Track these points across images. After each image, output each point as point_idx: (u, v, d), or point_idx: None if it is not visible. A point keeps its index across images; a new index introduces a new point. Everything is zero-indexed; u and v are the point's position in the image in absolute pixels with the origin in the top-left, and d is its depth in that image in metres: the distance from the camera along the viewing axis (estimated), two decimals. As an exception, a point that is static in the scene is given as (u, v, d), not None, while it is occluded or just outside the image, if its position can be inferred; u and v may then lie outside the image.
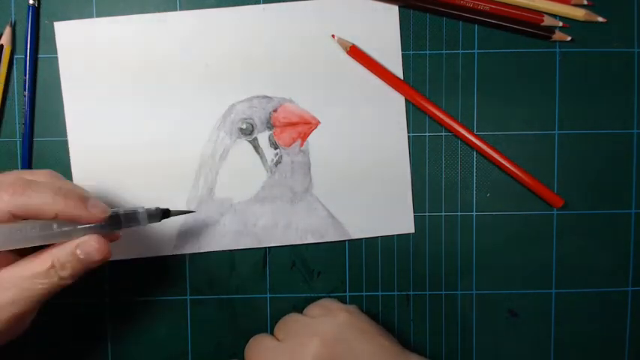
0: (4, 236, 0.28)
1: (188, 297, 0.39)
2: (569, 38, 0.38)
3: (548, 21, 0.37)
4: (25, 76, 0.37)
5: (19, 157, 0.38)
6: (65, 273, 0.29)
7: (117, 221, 0.31)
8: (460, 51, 0.38)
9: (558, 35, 0.37)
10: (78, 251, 0.29)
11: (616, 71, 0.38)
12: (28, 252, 0.30)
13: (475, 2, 0.37)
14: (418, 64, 0.38)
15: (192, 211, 0.36)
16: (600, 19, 0.37)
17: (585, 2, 0.37)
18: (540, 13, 0.37)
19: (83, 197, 0.30)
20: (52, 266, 0.29)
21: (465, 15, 0.37)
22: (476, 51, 0.38)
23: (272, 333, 0.36)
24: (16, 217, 0.28)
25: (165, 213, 0.33)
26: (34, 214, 0.29)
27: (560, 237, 0.39)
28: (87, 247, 0.29)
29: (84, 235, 0.30)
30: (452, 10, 0.37)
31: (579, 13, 0.37)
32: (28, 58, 0.37)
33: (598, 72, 0.38)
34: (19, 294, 0.29)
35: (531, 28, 0.37)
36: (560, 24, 0.38)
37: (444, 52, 0.38)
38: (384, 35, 0.38)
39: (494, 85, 0.38)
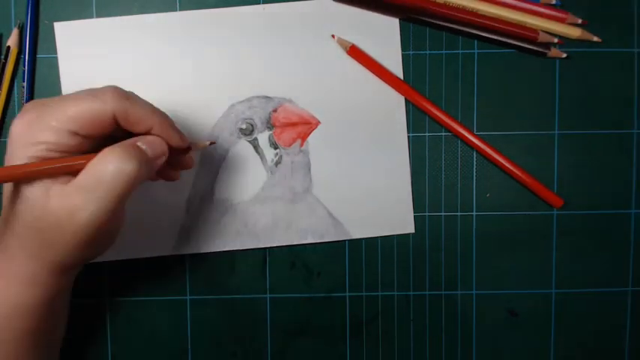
0: None
1: (188, 297, 0.39)
2: (564, 55, 0.38)
3: (543, 37, 0.37)
4: (25, 75, 0.37)
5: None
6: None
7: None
8: (460, 51, 0.38)
9: (554, 52, 0.37)
10: (139, 143, 0.28)
11: (616, 71, 0.38)
12: None
13: (473, 18, 0.37)
14: (418, 64, 0.38)
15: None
16: (596, 38, 0.38)
17: (579, 22, 0.37)
18: (535, 30, 0.37)
19: (172, 121, 0.30)
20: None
21: (464, 30, 0.37)
22: (476, 51, 0.38)
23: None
24: (115, 122, 0.28)
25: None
26: (132, 123, 0.28)
27: (560, 237, 0.39)
28: (148, 140, 0.29)
29: None
30: (451, 25, 0.37)
31: (575, 33, 0.37)
32: (27, 57, 0.37)
33: (598, 72, 0.38)
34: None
35: (528, 44, 0.37)
36: (556, 40, 0.38)
37: (444, 52, 0.38)
38: (384, 35, 0.38)
39: (494, 85, 0.38)
